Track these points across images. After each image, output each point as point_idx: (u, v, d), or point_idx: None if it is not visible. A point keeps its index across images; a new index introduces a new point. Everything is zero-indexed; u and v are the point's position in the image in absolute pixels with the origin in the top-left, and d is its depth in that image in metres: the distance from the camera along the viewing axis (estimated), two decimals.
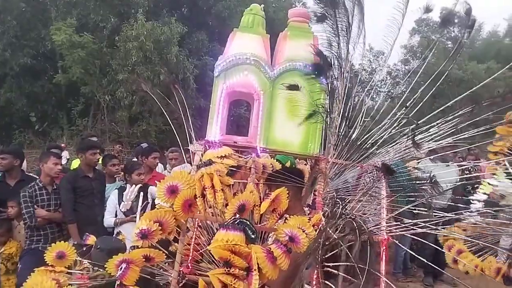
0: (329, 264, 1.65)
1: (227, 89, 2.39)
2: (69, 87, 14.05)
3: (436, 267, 3.03)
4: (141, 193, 3.01)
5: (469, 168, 4.24)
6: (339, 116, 2.07)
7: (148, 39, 11.82)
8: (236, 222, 1.41)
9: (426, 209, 2.18)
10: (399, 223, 2.05)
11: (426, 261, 3.31)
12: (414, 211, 2.18)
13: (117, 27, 13.06)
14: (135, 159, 4.91)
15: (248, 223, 1.42)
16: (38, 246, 3.74)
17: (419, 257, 3.43)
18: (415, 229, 2.08)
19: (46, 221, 3.79)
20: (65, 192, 3.89)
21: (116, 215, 3.94)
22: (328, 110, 2.03)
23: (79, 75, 12.47)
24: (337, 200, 1.83)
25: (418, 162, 2.90)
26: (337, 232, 1.61)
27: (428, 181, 2.14)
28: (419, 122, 2.26)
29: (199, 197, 1.77)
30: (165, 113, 3.04)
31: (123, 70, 12.24)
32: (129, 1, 13.29)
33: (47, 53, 14.56)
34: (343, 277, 1.67)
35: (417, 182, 2.20)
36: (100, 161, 4.43)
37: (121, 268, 1.73)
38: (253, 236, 1.39)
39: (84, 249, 2.45)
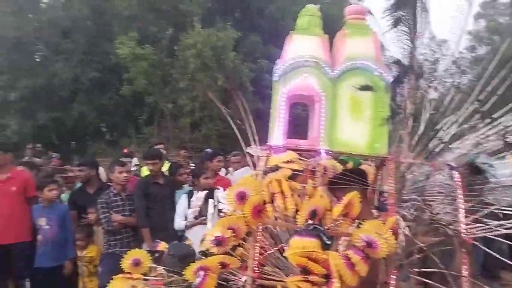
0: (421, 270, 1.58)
1: (287, 93, 2.38)
2: (134, 97, 14.91)
3: None
4: (210, 199, 3.09)
5: None
6: (411, 114, 1.97)
7: (205, 46, 12.19)
8: (310, 228, 1.40)
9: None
10: (482, 224, 1.91)
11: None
12: (500, 211, 2.02)
13: (174, 37, 13.62)
14: (201, 164, 5.08)
15: (323, 229, 1.41)
16: (115, 250, 3.99)
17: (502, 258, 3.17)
18: (500, 230, 1.93)
19: (121, 226, 4.04)
20: (138, 198, 4.12)
21: (185, 219, 4.09)
22: (402, 109, 1.94)
23: (143, 85, 13.17)
24: (422, 203, 1.74)
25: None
26: (421, 236, 1.54)
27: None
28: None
29: (268, 203, 1.77)
30: (224, 117, 3.08)
31: (183, 78, 12.73)
32: (184, 11, 13.80)
33: (113, 67, 15.57)
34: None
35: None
36: (166, 169, 4.63)
37: (199, 276, 1.77)
38: (328, 242, 1.38)
39: (156, 255, 2.53)
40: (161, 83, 13.73)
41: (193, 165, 5.53)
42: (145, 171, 4.99)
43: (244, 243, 2.16)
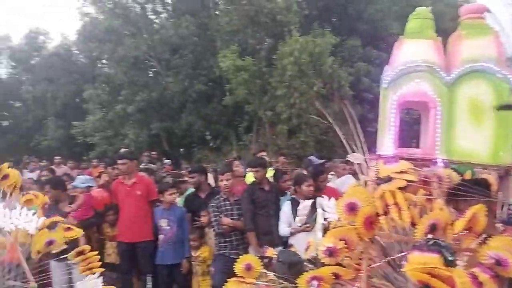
0: None
1: (398, 100, 2.31)
2: (235, 107, 15.67)
3: None
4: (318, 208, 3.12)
5: None
6: None
7: (303, 53, 12.30)
8: (430, 243, 1.36)
9: None
10: None
11: None
12: None
13: (272, 47, 14.01)
14: (304, 172, 5.15)
15: (445, 244, 1.35)
16: (225, 252, 4.26)
17: None
18: None
19: (230, 229, 4.29)
20: (245, 203, 4.34)
21: (290, 225, 4.19)
22: None
23: (243, 95, 13.77)
24: None
25: None
26: None
27: None
28: None
29: (381, 215, 1.74)
30: (321, 124, 3.06)
31: (281, 86, 13.00)
32: (281, 21, 14.13)
33: (216, 79, 16.59)
34: None
35: None
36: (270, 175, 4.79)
37: (312, 285, 1.81)
38: (451, 259, 1.31)
39: (265, 261, 2.62)
40: (260, 92, 14.21)
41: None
42: (250, 178, 5.23)
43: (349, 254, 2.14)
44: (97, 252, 2.69)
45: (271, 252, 2.72)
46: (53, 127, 21.42)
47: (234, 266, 2.41)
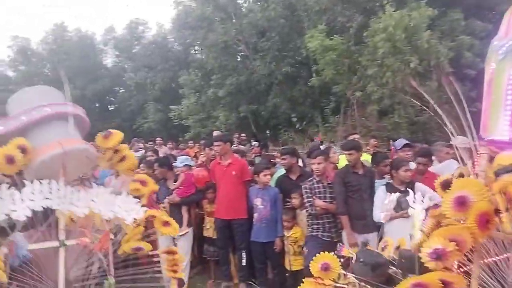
0: None
1: None
2: (321, 88, 15.44)
3: None
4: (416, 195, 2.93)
5: None
6: None
7: (397, 29, 11.58)
8: None
9: None
10: None
11: None
12: None
13: (363, 24, 13.41)
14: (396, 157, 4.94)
15: None
16: (318, 234, 4.30)
17: None
18: None
19: (323, 211, 4.31)
20: (337, 186, 4.31)
21: (384, 211, 4.07)
22: None
23: (331, 76, 13.47)
24: None
25: None
26: None
27: None
28: None
29: (503, 212, 1.49)
30: (416, 104, 2.85)
31: (372, 64, 12.45)
32: None
33: (303, 60, 16.47)
34: None
35: None
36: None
37: None
38: None
39: (341, 260, 2.47)
40: (348, 72, 13.78)
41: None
42: (343, 161, 5.16)
43: None
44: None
45: (347, 251, 2.53)
46: (153, 110, 23.34)
47: (326, 249, 2.31)
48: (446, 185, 1.85)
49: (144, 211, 2.82)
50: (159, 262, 2.92)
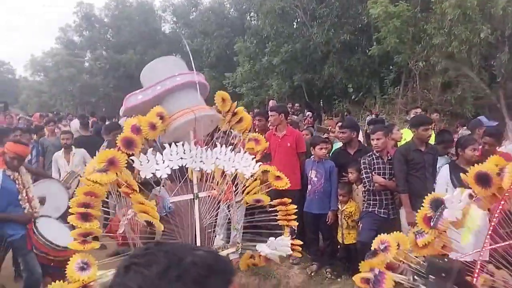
0: None
1: None
2: (382, 57, 14.68)
3: None
4: None
5: None
6: None
7: None
8: None
9: None
10: None
11: None
12: None
13: None
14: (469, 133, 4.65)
15: None
16: (374, 210, 4.22)
17: None
18: None
19: (381, 187, 4.20)
20: (398, 163, 4.16)
21: (446, 190, 3.89)
22: None
23: (393, 44, 12.72)
24: None
25: None
26: None
27: None
28: None
29: None
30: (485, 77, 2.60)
31: (439, 33, 11.58)
32: None
33: (363, 28, 15.67)
34: None
35: None
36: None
37: None
38: None
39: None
40: (412, 40, 12.93)
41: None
42: (406, 134, 4.95)
43: None
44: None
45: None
46: (208, 77, 23.54)
47: (381, 225, 2.27)
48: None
49: (259, 166, 3.30)
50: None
